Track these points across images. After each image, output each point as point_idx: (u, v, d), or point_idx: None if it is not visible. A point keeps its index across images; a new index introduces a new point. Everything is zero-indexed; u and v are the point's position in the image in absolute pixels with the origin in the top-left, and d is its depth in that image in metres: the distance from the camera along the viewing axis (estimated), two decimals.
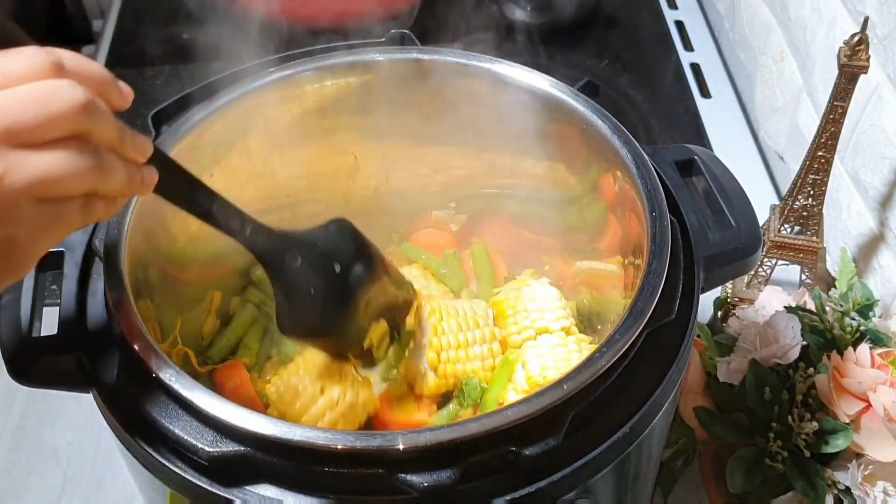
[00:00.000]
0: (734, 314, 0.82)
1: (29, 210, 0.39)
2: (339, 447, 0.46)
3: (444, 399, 0.70)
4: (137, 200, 0.60)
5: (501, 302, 0.73)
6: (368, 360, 0.65)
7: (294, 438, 0.46)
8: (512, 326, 0.71)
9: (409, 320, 0.69)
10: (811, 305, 0.79)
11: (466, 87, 0.70)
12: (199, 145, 0.66)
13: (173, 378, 0.50)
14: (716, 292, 0.88)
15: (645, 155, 0.62)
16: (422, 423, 0.67)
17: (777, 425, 0.69)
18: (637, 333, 0.52)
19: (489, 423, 0.47)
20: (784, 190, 0.96)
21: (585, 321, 0.73)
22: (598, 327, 0.71)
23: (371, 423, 0.67)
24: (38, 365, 0.55)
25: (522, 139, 0.71)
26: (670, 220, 0.59)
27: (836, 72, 0.75)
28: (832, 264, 0.91)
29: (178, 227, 0.65)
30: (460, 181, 0.78)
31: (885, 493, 0.67)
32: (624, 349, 0.51)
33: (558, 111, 0.67)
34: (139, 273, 0.59)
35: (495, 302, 0.73)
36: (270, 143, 0.71)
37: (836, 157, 0.80)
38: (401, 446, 0.46)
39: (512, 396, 0.66)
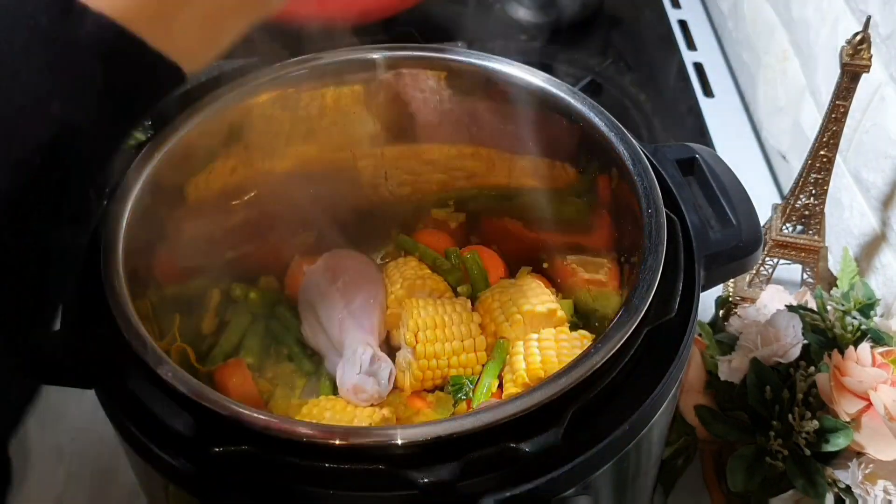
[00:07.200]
0: (735, 313, 0.82)
1: None
2: (337, 442, 0.46)
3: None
4: (135, 199, 0.60)
5: (488, 298, 0.73)
6: None
7: (291, 434, 0.46)
8: (500, 316, 0.71)
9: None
10: (812, 304, 0.79)
11: (466, 84, 0.70)
12: (196, 143, 0.66)
13: (170, 374, 0.50)
14: (717, 291, 0.88)
15: (642, 152, 0.62)
16: None
17: (778, 424, 0.69)
18: (633, 330, 0.52)
19: (486, 418, 0.47)
20: (786, 189, 0.95)
21: (584, 319, 0.73)
22: (596, 325, 0.72)
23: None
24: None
25: (521, 137, 0.71)
26: (670, 217, 0.58)
27: (838, 71, 0.75)
28: (834, 263, 0.91)
29: (175, 226, 0.66)
30: (459, 179, 0.78)
31: (886, 491, 0.67)
32: (620, 345, 0.51)
33: (556, 109, 0.67)
34: (137, 271, 0.59)
35: (482, 301, 0.74)
36: (269, 141, 0.72)
37: (838, 156, 0.80)
38: (399, 441, 0.46)
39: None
